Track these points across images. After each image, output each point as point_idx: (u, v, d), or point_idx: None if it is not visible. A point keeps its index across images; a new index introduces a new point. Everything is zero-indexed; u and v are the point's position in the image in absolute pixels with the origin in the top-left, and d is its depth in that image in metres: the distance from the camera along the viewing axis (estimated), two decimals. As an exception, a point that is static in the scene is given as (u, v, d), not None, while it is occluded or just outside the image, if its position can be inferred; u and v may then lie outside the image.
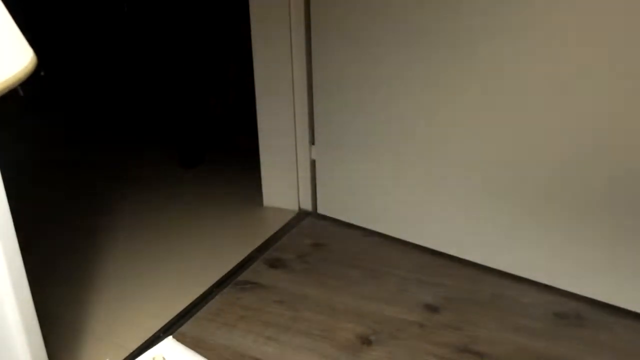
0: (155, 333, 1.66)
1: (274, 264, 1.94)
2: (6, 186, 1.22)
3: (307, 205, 2.20)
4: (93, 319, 1.73)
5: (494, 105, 1.68)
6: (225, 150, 2.66)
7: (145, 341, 1.62)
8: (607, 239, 1.62)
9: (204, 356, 1.11)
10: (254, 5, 2.01)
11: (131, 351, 1.58)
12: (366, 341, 1.59)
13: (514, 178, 1.71)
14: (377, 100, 1.88)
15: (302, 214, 2.20)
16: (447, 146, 1.80)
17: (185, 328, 1.67)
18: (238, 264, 1.94)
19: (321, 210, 2.18)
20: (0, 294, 1.23)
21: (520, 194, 1.72)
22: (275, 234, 2.10)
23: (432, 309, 1.70)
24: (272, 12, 1.99)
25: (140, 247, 2.06)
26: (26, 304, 1.30)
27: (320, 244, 2.03)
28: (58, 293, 1.84)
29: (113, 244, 2.09)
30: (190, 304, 1.77)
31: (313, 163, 2.14)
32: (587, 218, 1.63)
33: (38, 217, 2.25)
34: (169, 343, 1.13)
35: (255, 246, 2.03)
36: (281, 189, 2.22)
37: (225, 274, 1.89)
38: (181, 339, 1.50)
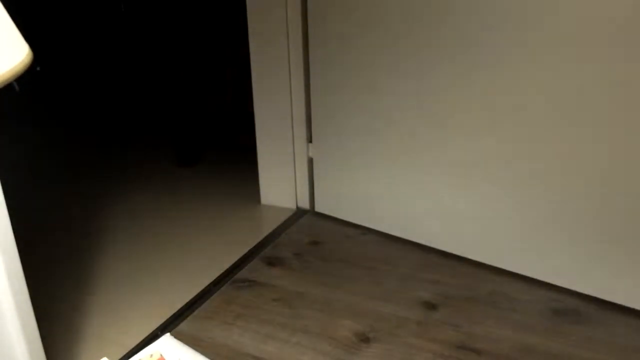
0: (153, 331, 1.65)
1: (272, 262, 1.94)
2: (3, 185, 1.22)
3: (304, 204, 2.20)
4: (91, 318, 1.73)
5: (494, 105, 1.68)
6: (223, 149, 2.66)
7: (143, 339, 1.62)
8: (605, 236, 1.62)
9: (202, 354, 1.10)
10: (252, 4, 2.01)
11: (129, 349, 1.58)
12: (364, 339, 1.59)
13: (513, 175, 1.71)
14: (375, 98, 1.88)
15: (299, 212, 2.20)
16: (445, 144, 1.80)
17: (183, 326, 1.67)
18: (236, 262, 1.94)
19: (319, 208, 2.17)
20: (-3, 293, 1.23)
21: (518, 191, 1.72)
22: (273, 232, 2.10)
23: (430, 306, 1.70)
24: (269, 11, 1.99)
25: (137, 246, 2.06)
26: (24, 303, 1.29)
27: (317, 242, 2.03)
28: (55, 292, 1.83)
29: (110, 242, 2.09)
30: (188, 302, 1.76)
31: (310, 161, 2.13)
32: (585, 214, 1.63)
33: (36, 216, 2.24)
34: (167, 340, 1.13)
35: (253, 244, 2.03)
36: (279, 187, 2.22)
37: (223, 272, 1.89)
38: (179, 337, 1.50)
